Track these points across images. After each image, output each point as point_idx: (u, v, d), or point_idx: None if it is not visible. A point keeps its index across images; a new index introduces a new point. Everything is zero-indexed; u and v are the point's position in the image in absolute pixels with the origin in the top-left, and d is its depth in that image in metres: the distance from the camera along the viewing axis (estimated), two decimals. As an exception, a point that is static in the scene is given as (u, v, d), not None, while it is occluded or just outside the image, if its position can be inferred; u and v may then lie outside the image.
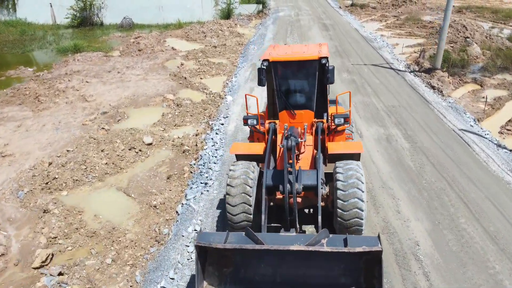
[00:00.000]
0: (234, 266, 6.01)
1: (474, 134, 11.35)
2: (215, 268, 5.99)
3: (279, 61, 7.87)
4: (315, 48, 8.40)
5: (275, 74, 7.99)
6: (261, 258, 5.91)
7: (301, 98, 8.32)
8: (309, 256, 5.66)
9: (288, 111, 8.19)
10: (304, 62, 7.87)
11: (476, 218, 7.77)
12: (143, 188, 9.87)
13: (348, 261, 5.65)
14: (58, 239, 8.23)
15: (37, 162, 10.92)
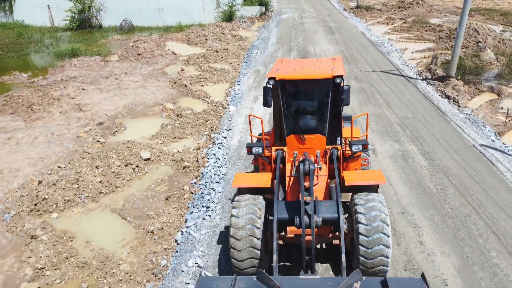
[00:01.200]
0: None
1: (496, 151, 10.54)
2: None
3: (287, 80, 7.01)
4: (329, 64, 7.49)
5: (282, 93, 7.15)
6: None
7: (311, 121, 7.49)
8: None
9: (296, 135, 7.35)
10: (316, 81, 7.01)
11: (509, 252, 6.98)
12: (140, 210, 9.09)
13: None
14: (46, 270, 7.46)
15: (26, 180, 10.15)
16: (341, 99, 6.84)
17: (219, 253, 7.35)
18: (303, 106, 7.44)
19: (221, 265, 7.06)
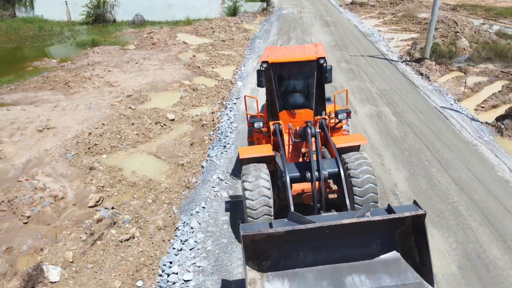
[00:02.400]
0: (276, 254, 5.92)
1: (452, 111, 13.18)
2: (255, 260, 5.90)
3: (278, 63, 7.99)
4: (312, 48, 8.59)
5: (274, 75, 8.09)
6: (306, 240, 5.86)
7: (300, 98, 8.46)
8: (353, 230, 5.77)
9: (288, 111, 8.35)
10: (302, 63, 8.03)
11: (445, 169, 9.61)
12: (171, 152, 11.72)
13: (388, 228, 5.84)
14: (105, 187, 10.08)
15: (78, 132, 12.80)
16: (325, 77, 7.92)
17: (234, 174, 9.97)
18: (293, 85, 8.42)
19: (236, 181, 9.67)
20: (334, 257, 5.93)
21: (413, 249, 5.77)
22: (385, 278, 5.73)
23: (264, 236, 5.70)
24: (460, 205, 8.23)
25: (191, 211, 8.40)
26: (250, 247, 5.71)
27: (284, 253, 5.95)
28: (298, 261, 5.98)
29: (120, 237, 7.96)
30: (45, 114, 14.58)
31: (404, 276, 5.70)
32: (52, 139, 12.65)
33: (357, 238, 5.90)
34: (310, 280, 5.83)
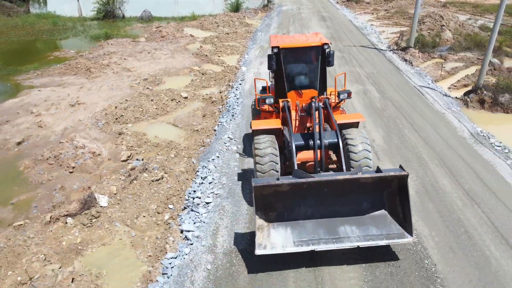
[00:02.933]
0: (281, 207, 6.92)
1: (429, 89, 15.21)
2: (263, 211, 6.93)
3: (287, 48, 8.88)
4: (315, 36, 9.51)
5: (284, 59, 8.99)
6: (307, 191, 6.81)
7: (306, 79, 9.35)
8: (347, 188, 6.81)
9: (295, 91, 9.25)
10: (309, 48, 8.93)
11: (415, 130, 11.65)
12: (186, 122, 13.74)
13: (378, 188, 6.85)
14: (134, 147, 12.09)
15: (105, 106, 14.83)
16: (328, 61, 8.86)
17: (242, 135, 11.98)
18: (299, 68, 9.27)
19: (244, 139, 11.68)
20: (331, 212, 6.98)
21: (397, 207, 6.84)
22: (373, 229, 6.86)
23: (271, 191, 6.76)
24: (423, 154, 10.27)
25: (208, 159, 10.43)
26: (259, 199, 6.71)
27: (288, 207, 6.99)
28: (299, 213, 7.05)
29: (151, 178, 9.99)
30: (73, 94, 16.60)
31: (388, 228, 6.84)
32: (83, 112, 14.68)
33: (351, 197, 6.90)
34: (309, 229, 6.94)
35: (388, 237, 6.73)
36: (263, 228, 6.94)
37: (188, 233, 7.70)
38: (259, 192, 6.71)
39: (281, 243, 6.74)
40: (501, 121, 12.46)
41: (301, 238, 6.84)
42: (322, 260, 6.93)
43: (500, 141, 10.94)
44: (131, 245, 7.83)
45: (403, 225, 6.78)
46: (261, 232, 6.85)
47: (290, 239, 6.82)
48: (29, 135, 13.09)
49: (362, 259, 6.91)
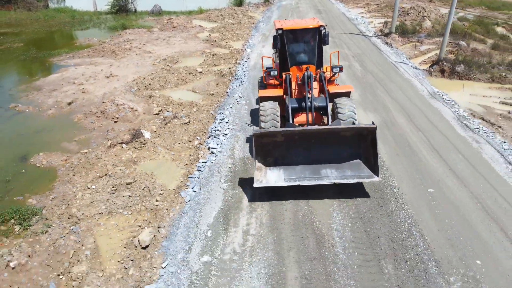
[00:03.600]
0: (277, 154, 8.63)
1: (403, 63, 18.35)
2: (263, 157, 8.65)
3: (290, 29, 10.54)
4: (312, 20, 11.27)
5: (286, 39, 10.59)
6: (297, 140, 8.49)
7: (305, 57, 10.90)
8: (330, 136, 8.42)
9: (297, 66, 10.79)
10: (308, 29, 10.54)
11: (386, 91, 14.77)
12: (203, 89, 16.84)
13: (354, 136, 8.50)
14: (162, 105, 15.20)
15: (135, 78, 17.96)
16: (324, 40, 10.42)
17: (249, 96, 15.09)
18: (300, 47, 10.80)
19: (250, 97, 14.78)
20: (316, 159, 8.65)
21: (370, 156, 8.40)
22: (348, 171, 8.50)
23: (269, 141, 8.52)
24: (389, 105, 13.40)
25: (223, 109, 13.58)
26: (259, 147, 8.45)
27: (282, 154, 8.75)
28: (291, 160, 8.74)
29: (181, 122, 13.12)
30: (106, 69, 19.72)
31: (361, 171, 8.46)
32: (117, 82, 17.81)
33: (333, 147, 8.49)
34: (298, 171, 8.62)
35: (359, 177, 8.31)
36: (261, 169, 8.69)
37: (213, 149, 10.83)
38: (259, 141, 8.43)
39: (274, 180, 8.43)
40: (455, 85, 15.57)
41: (290, 177, 8.49)
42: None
43: (450, 97, 14.07)
44: (172, 159, 10.95)
45: (373, 169, 8.35)
46: (259, 172, 8.59)
47: (282, 177, 8.49)
48: (76, 98, 16.20)
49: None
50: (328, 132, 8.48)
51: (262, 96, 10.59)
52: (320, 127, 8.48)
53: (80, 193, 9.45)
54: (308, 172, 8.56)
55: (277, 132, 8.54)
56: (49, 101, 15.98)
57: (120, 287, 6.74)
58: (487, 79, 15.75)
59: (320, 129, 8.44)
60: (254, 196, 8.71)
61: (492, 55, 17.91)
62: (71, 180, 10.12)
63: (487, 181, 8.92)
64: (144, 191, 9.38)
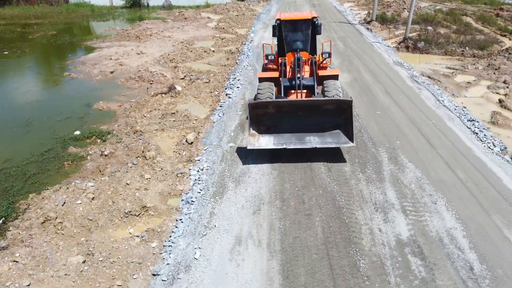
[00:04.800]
0: (269, 123, 10.07)
1: (377, 43, 22.58)
2: (256, 125, 10.04)
3: (287, 20, 12.04)
4: (308, 12, 12.83)
5: (284, 28, 12.12)
6: (286, 112, 9.90)
7: (300, 44, 12.36)
8: (313, 108, 9.78)
9: (292, 52, 12.21)
10: (303, 20, 12.01)
11: (360, 60, 18.99)
12: (216, 62, 21.03)
13: (335, 109, 9.77)
14: (186, 73, 19.39)
15: (160, 54, 22.16)
16: (317, 30, 12.05)
17: (253, 63, 19.29)
18: (296, 35, 12.25)
19: (255, 64, 18.97)
20: (302, 128, 10.00)
21: (348, 126, 9.67)
22: (328, 138, 9.90)
23: (262, 112, 9.97)
24: (360, 68, 17.63)
25: (235, 73, 17.80)
26: (253, 117, 9.83)
27: (273, 123, 10.15)
28: (281, 128, 10.12)
29: (203, 82, 17.31)
30: (134, 49, 23.91)
31: (339, 138, 9.83)
32: (146, 57, 22.00)
33: (318, 119, 9.86)
34: (285, 137, 10.02)
35: (337, 143, 9.74)
36: (255, 135, 10.09)
37: (229, 95, 15.04)
38: (254, 112, 9.87)
39: (265, 144, 9.95)
40: (416, 57, 19.78)
41: (278, 142, 9.95)
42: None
43: (409, 65, 18.30)
44: (199, 103, 15.15)
45: (349, 137, 9.70)
46: (253, 137, 10.03)
47: (271, 142, 9.99)
48: (116, 69, 20.36)
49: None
50: (312, 104, 9.83)
51: (260, 77, 12.44)
52: (305, 99, 10.16)
53: (139, 119, 13.66)
54: (294, 139, 9.96)
55: (269, 103, 9.97)
56: (95, 71, 20.16)
57: (178, 161, 10.92)
58: (442, 53, 19.99)
59: (306, 101, 9.97)
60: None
61: (450, 36, 22.12)
62: (129, 115, 14.30)
63: (419, 109, 13.14)
64: (184, 117, 13.59)
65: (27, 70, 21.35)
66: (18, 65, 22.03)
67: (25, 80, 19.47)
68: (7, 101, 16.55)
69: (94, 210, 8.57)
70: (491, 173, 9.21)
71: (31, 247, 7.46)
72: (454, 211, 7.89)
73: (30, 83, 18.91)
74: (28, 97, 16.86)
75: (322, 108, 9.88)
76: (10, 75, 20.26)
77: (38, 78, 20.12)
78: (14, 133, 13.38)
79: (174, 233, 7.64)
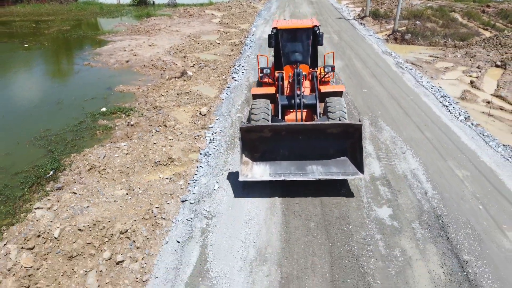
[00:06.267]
0: (264, 149, 8.55)
1: (370, 36, 24.63)
2: (249, 151, 8.54)
3: (285, 29, 10.58)
4: (309, 20, 11.51)
5: (281, 38, 10.65)
6: (284, 136, 8.39)
7: (299, 56, 10.88)
8: (315, 133, 8.26)
9: (290, 65, 10.70)
10: (302, 29, 10.56)
11: (352, 50, 21.03)
12: (222, 53, 23.07)
13: (340, 135, 8.30)
14: (195, 61, 21.41)
15: (170, 46, 24.21)
16: (318, 40, 10.63)
17: (255, 53, 21.31)
18: (295, 46, 10.80)
19: (259, 50, 21.01)
20: (303, 154, 8.47)
21: (356, 153, 8.22)
22: (333, 168, 8.35)
23: (257, 136, 8.40)
24: (352, 57, 19.67)
25: (239, 60, 19.84)
26: (246, 142, 8.32)
27: (269, 148, 8.57)
28: (278, 154, 8.60)
29: (211, 68, 19.36)
30: (146, 42, 25.95)
31: (346, 168, 8.30)
32: (158, 49, 24.04)
33: (320, 144, 8.30)
34: (283, 166, 8.51)
35: (344, 173, 8.17)
36: (248, 164, 8.54)
37: (235, 77, 17.08)
38: (246, 136, 8.31)
39: (260, 174, 8.34)
40: (403, 48, 21.83)
41: (276, 172, 8.38)
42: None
43: (396, 53, 20.35)
44: (209, 85, 17.18)
45: (358, 166, 8.18)
46: (245, 166, 8.44)
47: (267, 172, 8.40)
48: (130, 58, 22.39)
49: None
50: (314, 129, 8.37)
51: (254, 93, 10.60)
52: (306, 123, 8.41)
53: (157, 98, 15.70)
54: (293, 168, 8.49)
55: (264, 127, 8.45)
56: (111, 60, 22.19)
57: (195, 128, 12.93)
58: (426, 44, 22.05)
59: (307, 125, 8.34)
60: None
61: (436, 30, 24.18)
62: (147, 95, 16.33)
63: (400, 88, 15.20)
64: (196, 96, 15.63)
65: (49, 60, 23.41)
66: (40, 56, 24.10)
67: (49, 68, 21.55)
68: (37, 86, 18.62)
69: (129, 162, 10.59)
70: (452, 133, 11.25)
71: (84, 184, 9.50)
72: (418, 158, 9.93)
73: (54, 71, 20.98)
74: (54, 83, 18.93)
75: (326, 131, 8.50)
76: (35, 64, 22.33)
77: (60, 67, 22.17)
78: (49, 110, 15.42)
79: (196, 175, 9.67)
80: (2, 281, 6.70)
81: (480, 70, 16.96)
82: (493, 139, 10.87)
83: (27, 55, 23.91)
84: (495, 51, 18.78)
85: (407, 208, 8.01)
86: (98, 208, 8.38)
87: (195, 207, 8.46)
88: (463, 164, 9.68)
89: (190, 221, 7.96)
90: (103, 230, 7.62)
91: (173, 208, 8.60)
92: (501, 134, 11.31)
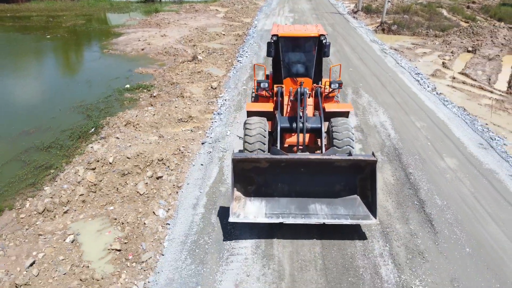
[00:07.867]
0: (260, 182, 7.38)
1: (361, 27, 27.25)
2: (242, 184, 7.41)
3: (286, 36, 9.29)
4: (314, 27, 9.93)
5: (282, 47, 9.38)
6: (284, 170, 7.21)
7: (302, 68, 9.65)
8: (322, 167, 7.15)
9: (291, 78, 9.54)
10: (306, 38, 9.31)
11: (345, 41, 23.64)
12: (227, 43, 25.67)
13: (350, 171, 7.24)
14: (204, 49, 24.00)
15: (180, 36, 26.84)
16: (324, 51, 9.12)
17: (258, 42, 23.92)
18: (297, 56, 9.62)
19: (259, 42, 23.61)
20: (305, 191, 7.40)
21: (368, 191, 7.23)
22: (341, 209, 7.25)
23: (251, 167, 7.27)
24: (343, 44, 22.27)
25: (243, 47, 22.46)
26: (239, 174, 7.20)
27: (266, 182, 7.48)
28: (276, 189, 7.49)
29: (219, 54, 21.96)
30: (157, 33, 28.57)
31: (356, 209, 7.20)
32: (169, 39, 26.66)
33: (326, 179, 7.29)
34: (282, 204, 7.41)
35: (353, 217, 7.07)
36: (240, 199, 7.40)
37: (240, 60, 19.68)
38: (239, 167, 7.17)
39: (254, 214, 7.20)
40: (389, 37, 24.43)
41: (273, 211, 7.27)
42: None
43: (382, 42, 22.95)
44: (217, 67, 19.79)
45: (370, 208, 7.12)
46: (237, 203, 7.31)
47: (263, 211, 7.27)
48: (145, 47, 25.00)
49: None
50: (320, 162, 7.29)
51: (249, 110, 9.40)
52: (311, 156, 7.28)
53: (174, 76, 18.31)
54: (294, 207, 7.42)
55: (261, 158, 7.32)
56: (128, 49, 24.81)
57: (208, 97, 15.53)
58: (411, 34, 24.65)
59: (311, 159, 7.23)
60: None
61: (420, 22, 26.79)
62: (164, 75, 18.94)
63: (381, 67, 17.80)
64: (207, 75, 18.24)
65: (72, 48, 26.05)
66: (63, 45, 26.74)
67: (73, 55, 24.19)
68: (67, 69, 21.26)
69: (157, 119, 13.21)
70: (418, 99, 13.87)
71: (123, 133, 12.12)
72: (387, 114, 12.55)
73: (78, 57, 23.61)
74: (80, 66, 21.56)
75: (333, 165, 7.41)
76: (60, 52, 24.97)
77: (82, 54, 24.81)
78: (80, 87, 18.04)
79: (211, 126, 12.29)
80: (75, 189, 9.31)
81: (453, 54, 19.55)
82: (451, 103, 13.48)
83: (52, 45, 26.54)
84: (468, 39, 21.38)
85: (373, 144, 10.63)
86: (138, 146, 11.00)
87: (213, 145, 11.07)
88: (422, 118, 12.29)
89: (210, 153, 10.58)
90: (145, 158, 10.23)
91: (195, 147, 11.21)
92: (458, 100, 13.93)
